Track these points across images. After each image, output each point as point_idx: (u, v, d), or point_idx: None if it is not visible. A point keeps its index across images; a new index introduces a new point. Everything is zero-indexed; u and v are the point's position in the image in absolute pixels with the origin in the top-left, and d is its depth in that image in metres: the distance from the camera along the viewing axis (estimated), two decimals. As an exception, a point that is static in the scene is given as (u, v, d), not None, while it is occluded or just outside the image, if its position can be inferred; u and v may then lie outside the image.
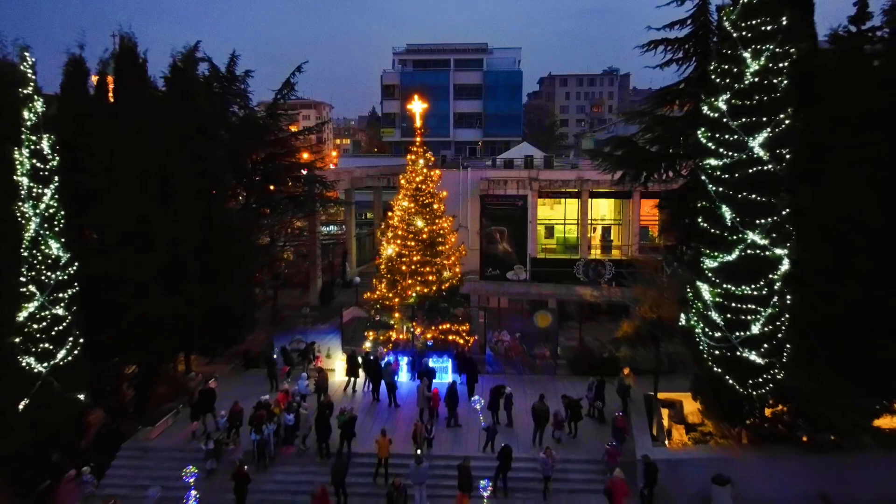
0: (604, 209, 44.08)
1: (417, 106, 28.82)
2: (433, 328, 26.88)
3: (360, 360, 24.92)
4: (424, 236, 27.03)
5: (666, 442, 20.26)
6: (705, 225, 18.17)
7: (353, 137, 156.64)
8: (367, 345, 26.88)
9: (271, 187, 35.99)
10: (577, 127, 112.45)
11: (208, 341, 26.33)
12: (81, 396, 20.19)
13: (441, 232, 27.58)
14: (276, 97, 37.27)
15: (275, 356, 25.92)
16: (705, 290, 18.33)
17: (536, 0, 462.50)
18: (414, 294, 26.69)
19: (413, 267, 26.85)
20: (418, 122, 28.86)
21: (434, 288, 26.98)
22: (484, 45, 77.89)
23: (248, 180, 34.20)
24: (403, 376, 25.44)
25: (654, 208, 33.95)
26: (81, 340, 19.89)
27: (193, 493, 16.05)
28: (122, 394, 23.77)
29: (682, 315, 20.08)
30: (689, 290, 19.54)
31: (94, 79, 24.22)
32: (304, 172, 37.45)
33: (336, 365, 26.70)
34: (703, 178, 18.37)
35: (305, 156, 39.34)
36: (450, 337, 26.93)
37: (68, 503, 17.73)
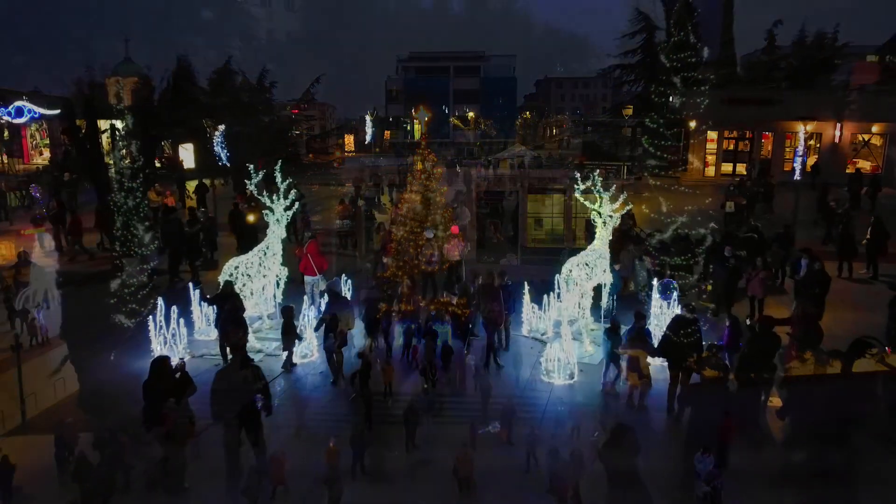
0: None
1: (423, 115, 34.14)
2: (435, 300, 32.06)
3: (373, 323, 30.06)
4: (428, 224, 32.23)
5: (620, 384, 25.49)
6: (647, 210, 23.44)
7: (355, 137, 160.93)
8: (379, 314, 32.04)
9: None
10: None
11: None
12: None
13: (442, 220, 32.83)
14: (297, 104, 42.58)
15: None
16: (647, 261, 23.60)
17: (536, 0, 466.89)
18: (419, 272, 31.87)
19: (419, 249, 32.07)
20: (423, 128, 34.14)
21: (436, 267, 32.20)
22: (481, 53, 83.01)
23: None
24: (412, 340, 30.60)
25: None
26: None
27: None
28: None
29: (632, 283, 25.40)
30: (637, 263, 24.85)
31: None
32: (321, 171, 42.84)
33: (354, 331, 31.89)
34: (647, 175, 23.66)
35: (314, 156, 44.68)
36: (449, 308, 32.12)
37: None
